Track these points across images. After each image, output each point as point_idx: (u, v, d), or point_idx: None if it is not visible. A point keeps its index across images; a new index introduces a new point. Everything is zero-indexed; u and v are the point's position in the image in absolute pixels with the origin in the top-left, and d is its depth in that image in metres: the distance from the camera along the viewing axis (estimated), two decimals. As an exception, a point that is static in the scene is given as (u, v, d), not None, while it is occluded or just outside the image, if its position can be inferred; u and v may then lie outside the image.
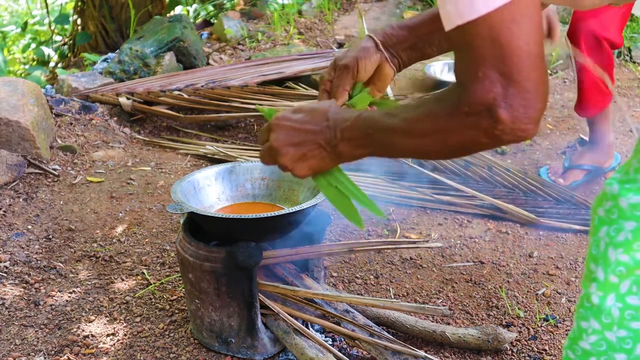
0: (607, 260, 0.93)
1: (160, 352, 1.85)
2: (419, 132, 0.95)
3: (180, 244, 1.79)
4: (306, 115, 1.09)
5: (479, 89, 0.86)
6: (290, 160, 1.10)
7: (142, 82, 3.72)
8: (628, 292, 0.92)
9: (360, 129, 1.03)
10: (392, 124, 0.99)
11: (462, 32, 0.87)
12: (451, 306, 2.06)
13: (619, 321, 0.93)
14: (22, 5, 7.90)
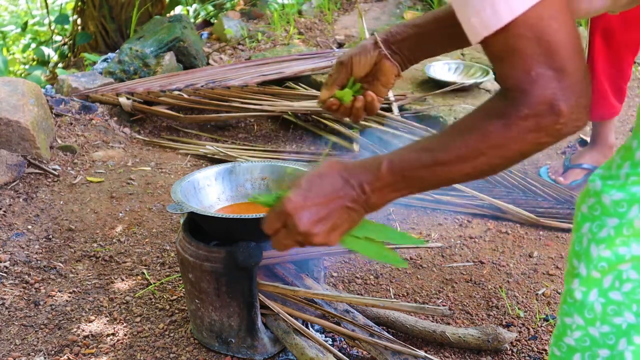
0: (590, 256, 0.93)
1: (160, 352, 1.85)
2: (472, 155, 0.91)
3: (180, 244, 1.79)
4: (318, 186, 0.99)
5: (537, 88, 0.85)
6: (323, 237, 1.01)
7: (142, 82, 3.72)
8: (610, 288, 0.92)
9: (394, 174, 0.97)
10: (434, 158, 0.94)
11: (503, 37, 0.86)
12: (451, 306, 2.06)
13: (601, 317, 0.93)
14: (22, 6, 7.90)
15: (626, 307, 0.91)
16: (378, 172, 0.97)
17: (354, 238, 1.07)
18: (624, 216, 0.90)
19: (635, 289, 0.91)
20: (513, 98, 0.87)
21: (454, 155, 0.92)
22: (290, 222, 1.01)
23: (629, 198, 0.89)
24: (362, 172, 0.99)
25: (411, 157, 0.96)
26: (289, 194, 1.00)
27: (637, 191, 0.89)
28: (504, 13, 0.84)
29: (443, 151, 0.93)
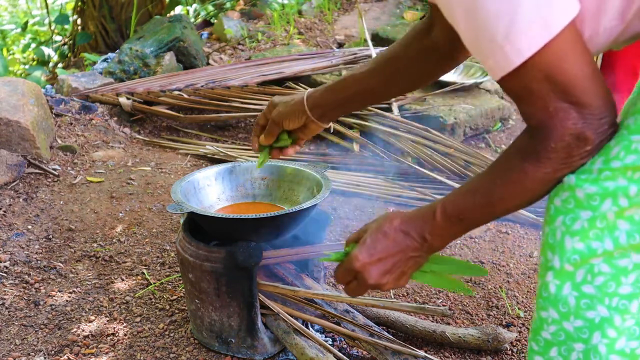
0: (563, 249, 0.94)
1: (160, 352, 1.85)
2: (516, 194, 0.98)
3: (180, 244, 1.79)
4: (382, 242, 1.08)
5: (557, 122, 0.90)
6: (393, 284, 1.12)
7: (142, 82, 3.72)
8: (583, 281, 0.93)
9: (449, 219, 1.04)
10: (482, 201, 1.01)
11: (517, 78, 0.90)
12: (451, 306, 2.06)
13: (575, 311, 0.94)
14: (22, 6, 7.90)
15: (599, 300, 0.93)
16: (434, 220, 1.05)
17: (421, 273, 1.17)
18: (597, 209, 0.91)
19: (607, 282, 0.92)
20: (539, 135, 0.92)
21: (497, 197, 0.99)
22: (361, 277, 1.10)
23: (602, 192, 0.91)
24: (420, 222, 1.07)
25: (461, 203, 1.03)
26: (356, 252, 1.09)
27: (609, 185, 0.90)
28: (514, 57, 0.88)
29: (489, 195, 1.00)
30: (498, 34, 0.88)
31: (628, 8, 0.92)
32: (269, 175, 1.95)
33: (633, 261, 0.91)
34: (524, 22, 0.86)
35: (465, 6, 0.90)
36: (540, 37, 0.86)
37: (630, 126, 0.90)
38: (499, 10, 0.87)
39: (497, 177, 0.99)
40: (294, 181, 1.91)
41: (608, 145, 0.92)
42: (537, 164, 0.93)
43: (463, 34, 0.94)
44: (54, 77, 5.01)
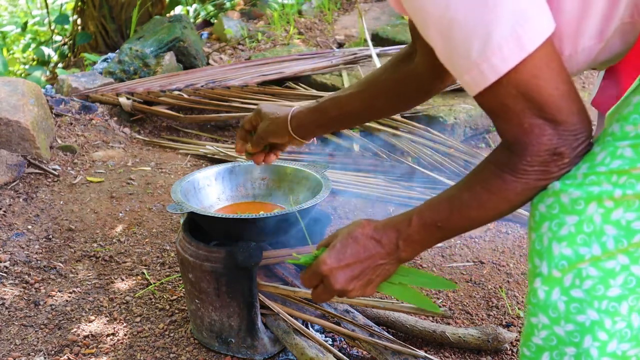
0: (551, 254, 0.94)
1: (160, 352, 1.85)
2: (493, 206, 0.99)
3: (180, 244, 1.79)
4: (351, 248, 1.08)
5: (532, 138, 0.91)
6: (359, 291, 1.11)
7: (142, 82, 3.72)
8: (571, 286, 0.93)
9: (424, 228, 1.04)
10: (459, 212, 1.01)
11: (492, 94, 0.91)
12: (451, 306, 2.06)
13: (565, 315, 0.94)
14: (22, 6, 7.90)
15: (588, 304, 0.93)
16: (409, 227, 1.04)
17: (389, 284, 1.15)
18: (583, 213, 0.91)
19: (595, 285, 0.92)
20: (516, 150, 0.93)
21: (476, 207, 1.00)
22: (327, 282, 1.10)
23: (586, 196, 0.91)
24: (393, 230, 1.06)
25: (439, 211, 1.03)
26: (324, 256, 1.08)
27: (594, 190, 0.90)
28: (489, 73, 0.88)
29: (468, 204, 1.00)
30: (473, 50, 0.88)
31: (606, 28, 0.92)
32: (269, 175, 1.95)
33: (620, 263, 0.91)
34: (499, 39, 0.86)
35: (441, 23, 0.90)
36: (515, 55, 0.87)
37: (615, 133, 0.90)
38: (474, 27, 0.87)
39: (476, 187, 0.99)
40: (294, 181, 1.91)
41: (593, 152, 0.93)
42: (515, 177, 0.94)
43: (438, 50, 0.95)
44: (54, 77, 5.01)
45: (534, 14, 0.87)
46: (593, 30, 0.93)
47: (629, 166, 0.88)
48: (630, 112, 0.89)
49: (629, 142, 0.88)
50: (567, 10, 0.91)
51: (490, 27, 0.86)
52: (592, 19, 0.92)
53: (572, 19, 0.92)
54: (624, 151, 0.89)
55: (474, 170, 1.02)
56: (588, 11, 0.91)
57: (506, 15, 0.86)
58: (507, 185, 0.95)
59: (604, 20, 0.92)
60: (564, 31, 0.92)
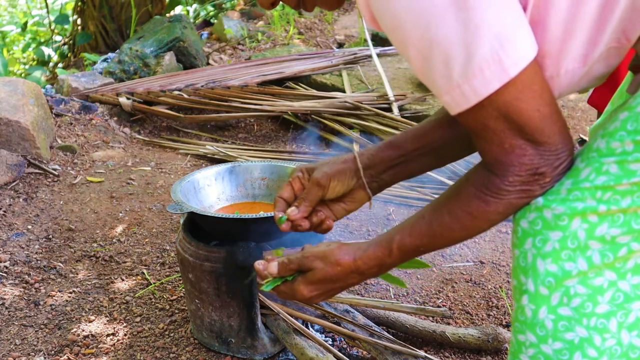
0: (537, 272, 0.93)
1: (160, 352, 1.85)
2: (476, 225, 0.99)
3: (180, 244, 1.79)
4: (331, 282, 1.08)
5: (514, 158, 0.91)
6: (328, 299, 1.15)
7: (142, 82, 3.72)
8: (559, 304, 0.93)
9: (408, 254, 1.05)
10: (440, 235, 1.01)
11: (472, 116, 0.91)
12: (451, 306, 2.06)
13: (553, 333, 0.94)
14: (22, 6, 7.90)
15: (577, 321, 0.92)
16: (390, 257, 1.04)
17: None
18: (567, 229, 0.91)
19: (583, 303, 0.91)
20: (497, 171, 0.93)
21: (458, 228, 0.99)
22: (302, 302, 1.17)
23: (570, 212, 0.90)
24: (375, 263, 1.05)
25: (420, 237, 1.02)
26: (301, 288, 1.09)
27: (578, 205, 0.90)
28: (470, 95, 0.88)
29: (450, 226, 1.00)
30: (454, 71, 0.88)
31: (591, 52, 0.92)
32: (269, 175, 1.95)
33: (607, 279, 0.91)
34: (480, 62, 0.86)
35: (421, 43, 0.89)
36: (497, 78, 0.86)
37: (601, 149, 0.90)
38: (455, 48, 0.86)
39: (457, 210, 0.99)
40: (294, 181, 1.91)
41: (577, 167, 0.92)
42: (497, 198, 0.94)
43: (417, 68, 0.94)
44: (54, 77, 5.01)
45: (516, 37, 0.86)
46: (577, 54, 0.92)
47: (614, 182, 0.88)
48: (617, 128, 0.88)
49: (615, 159, 0.88)
50: (551, 31, 0.90)
51: (471, 49, 0.86)
52: (577, 41, 0.91)
53: (556, 40, 0.91)
54: (609, 167, 0.88)
55: (452, 190, 1.01)
56: (572, 33, 0.90)
57: (488, 38, 0.85)
58: (489, 207, 0.95)
59: (589, 44, 0.91)
60: (546, 51, 0.91)
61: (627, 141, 0.86)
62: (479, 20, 0.85)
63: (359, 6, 0.98)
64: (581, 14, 0.88)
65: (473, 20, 0.85)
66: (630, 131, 0.86)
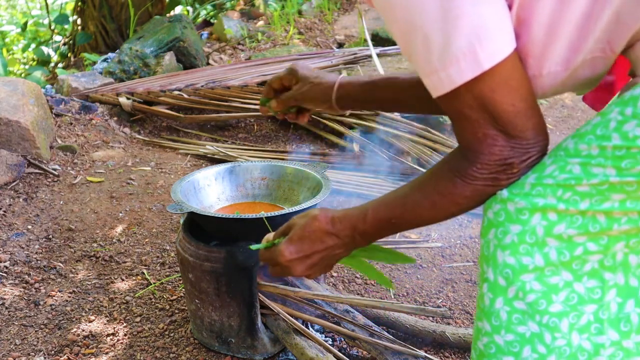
0: (496, 262, 0.96)
1: (160, 352, 1.85)
2: (445, 207, 1.01)
3: (180, 244, 1.79)
4: (308, 240, 1.11)
5: (484, 147, 0.93)
6: (318, 273, 1.16)
7: (142, 82, 3.72)
8: (515, 297, 0.95)
9: (381, 223, 1.07)
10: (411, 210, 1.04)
11: (450, 101, 0.93)
12: (451, 306, 2.07)
13: (506, 325, 0.96)
14: (22, 6, 7.90)
15: (530, 316, 0.94)
16: (364, 222, 1.08)
17: (348, 257, 1.18)
18: (527, 223, 0.93)
19: (538, 299, 0.93)
20: (468, 156, 0.95)
21: (427, 206, 1.02)
22: (286, 270, 1.14)
23: (531, 207, 0.92)
24: (349, 224, 1.09)
25: (393, 207, 1.07)
26: (282, 248, 1.11)
27: (539, 201, 0.92)
28: (446, 82, 0.91)
29: (419, 203, 1.03)
30: (433, 57, 0.91)
31: (573, 57, 0.93)
32: (269, 175, 1.95)
33: (564, 279, 0.93)
34: (456, 52, 0.88)
35: (405, 25, 0.93)
36: (471, 70, 0.88)
37: (569, 149, 0.91)
38: (434, 35, 0.89)
39: (428, 187, 1.02)
40: (294, 181, 1.91)
41: (543, 163, 0.94)
42: (464, 182, 0.96)
43: (402, 48, 0.98)
44: (54, 77, 5.01)
45: (494, 32, 0.88)
46: (559, 57, 0.93)
47: (574, 182, 0.89)
48: (587, 131, 0.90)
49: (580, 160, 0.89)
50: (534, 31, 0.92)
51: (449, 37, 0.88)
52: (559, 44, 0.92)
53: (539, 41, 0.93)
54: (573, 167, 0.90)
55: (430, 169, 1.05)
56: (555, 37, 0.92)
57: (466, 29, 0.87)
58: (456, 189, 0.97)
59: (571, 49, 0.93)
60: (529, 51, 0.93)
61: (594, 145, 0.88)
62: (460, 10, 0.87)
63: None
64: (565, 19, 0.90)
65: (454, 10, 0.87)
66: (598, 136, 0.88)
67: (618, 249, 0.91)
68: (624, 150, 0.85)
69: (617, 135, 0.85)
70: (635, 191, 0.86)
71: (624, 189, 0.86)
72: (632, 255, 0.92)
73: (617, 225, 0.89)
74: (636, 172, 0.85)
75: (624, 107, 0.86)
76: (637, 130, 0.84)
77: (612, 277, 0.92)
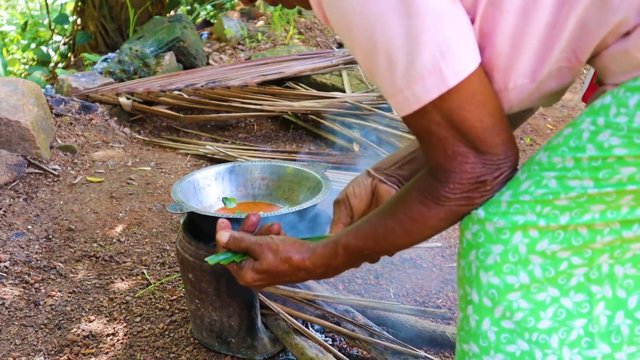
0: (480, 283, 0.94)
1: (160, 352, 1.85)
2: (418, 231, 0.99)
3: (180, 244, 1.79)
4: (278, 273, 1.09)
5: (455, 165, 0.91)
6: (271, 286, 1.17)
7: (142, 82, 3.72)
8: (502, 317, 0.93)
9: (353, 256, 1.05)
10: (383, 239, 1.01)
11: (415, 120, 0.91)
12: (451, 306, 2.06)
13: (495, 345, 0.94)
14: (22, 6, 7.90)
15: (519, 335, 0.93)
16: (336, 259, 1.06)
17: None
18: (508, 242, 0.91)
19: (526, 317, 0.92)
20: (439, 176, 0.93)
21: (400, 233, 1.00)
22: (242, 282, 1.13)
23: (511, 225, 0.90)
24: (321, 263, 1.07)
25: (364, 239, 1.03)
26: (246, 273, 1.10)
27: (518, 219, 0.90)
28: (412, 101, 0.88)
29: (392, 231, 1.00)
30: (397, 76, 0.88)
31: (540, 68, 0.91)
32: (269, 175, 1.95)
33: (550, 295, 0.91)
34: (420, 70, 0.86)
35: (366, 45, 0.90)
36: (436, 87, 0.86)
37: (542, 162, 0.90)
38: (397, 54, 0.87)
39: (399, 214, 0.99)
40: (294, 181, 1.91)
41: (517, 178, 0.92)
42: (437, 204, 0.94)
43: (365, 69, 0.95)
44: (54, 77, 5.01)
45: (459, 47, 0.86)
46: (526, 69, 0.91)
47: (552, 197, 0.88)
48: (559, 143, 0.88)
49: (555, 174, 0.88)
50: (498, 45, 0.90)
51: (412, 55, 0.86)
52: (524, 57, 0.90)
53: (504, 55, 0.90)
54: (549, 182, 0.88)
55: (398, 195, 1.02)
56: (520, 49, 0.90)
57: (428, 46, 0.85)
58: (429, 212, 0.95)
59: (537, 61, 0.91)
60: (494, 65, 0.91)
61: (568, 157, 0.86)
62: (422, 28, 0.85)
63: (311, 4, 0.98)
64: (529, 30, 0.88)
65: (416, 27, 0.85)
66: (572, 148, 0.86)
67: (603, 261, 0.90)
68: (599, 161, 0.84)
69: (591, 146, 0.84)
70: (615, 201, 0.85)
71: (603, 199, 0.85)
72: (617, 266, 0.90)
73: (600, 237, 0.88)
74: (614, 182, 0.84)
75: (595, 116, 0.84)
76: (612, 140, 0.82)
77: (599, 290, 0.91)
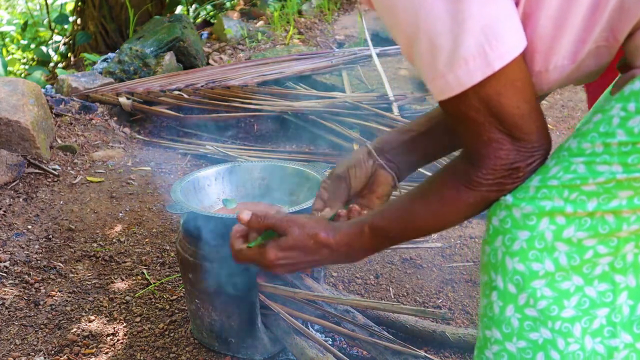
0: (505, 269, 0.94)
1: (160, 352, 1.85)
2: (448, 216, 0.99)
3: (180, 244, 1.79)
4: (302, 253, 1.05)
5: (491, 151, 0.91)
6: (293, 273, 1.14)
7: (142, 82, 3.72)
8: (526, 305, 0.94)
9: (378, 238, 1.03)
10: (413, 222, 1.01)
11: (456, 104, 0.91)
12: (451, 306, 2.06)
13: (518, 332, 0.95)
14: (22, 6, 7.91)
15: (542, 323, 0.93)
16: (361, 238, 1.04)
17: None
18: (535, 229, 0.91)
19: (549, 306, 0.92)
20: (473, 161, 0.94)
21: (429, 217, 1.00)
22: (265, 268, 1.09)
23: (538, 211, 0.91)
24: (345, 242, 1.04)
25: (391, 221, 1.02)
26: (269, 251, 1.05)
27: (546, 205, 0.90)
28: (454, 85, 0.89)
29: (421, 214, 1.00)
30: (440, 61, 0.89)
31: (580, 49, 0.92)
32: (269, 175, 1.95)
33: (575, 284, 0.92)
34: (465, 54, 0.86)
35: (410, 29, 0.90)
36: (480, 70, 0.87)
37: (572, 148, 0.91)
38: (441, 38, 0.87)
39: (430, 197, 0.99)
40: (294, 181, 1.91)
41: (546, 165, 0.93)
42: (469, 188, 0.94)
43: (406, 53, 0.95)
44: (54, 77, 5.01)
45: (504, 31, 0.87)
46: (566, 51, 0.92)
47: (580, 182, 0.88)
48: (589, 129, 0.89)
49: (584, 159, 0.88)
50: (541, 27, 0.91)
51: (457, 40, 0.86)
52: (566, 39, 0.91)
53: (546, 37, 0.91)
54: (577, 167, 0.89)
55: (429, 179, 1.01)
56: (562, 31, 0.91)
57: (475, 31, 0.86)
58: (460, 196, 0.95)
59: (578, 42, 0.91)
60: (536, 47, 0.92)
61: (598, 143, 0.87)
62: (468, 12, 0.85)
63: None
64: (572, 11, 0.89)
65: (461, 12, 0.85)
66: (601, 133, 0.87)
67: (628, 250, 0.90)
68: (629, 146, 0.84)
69: (621, 132, 0.85)
70: None
71: (631, 185, 0.86)
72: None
73: (627, 225, 0.88)
74: None
75: (625, 102, 0.85)
76: None
77: (623, 280, 0.92)
